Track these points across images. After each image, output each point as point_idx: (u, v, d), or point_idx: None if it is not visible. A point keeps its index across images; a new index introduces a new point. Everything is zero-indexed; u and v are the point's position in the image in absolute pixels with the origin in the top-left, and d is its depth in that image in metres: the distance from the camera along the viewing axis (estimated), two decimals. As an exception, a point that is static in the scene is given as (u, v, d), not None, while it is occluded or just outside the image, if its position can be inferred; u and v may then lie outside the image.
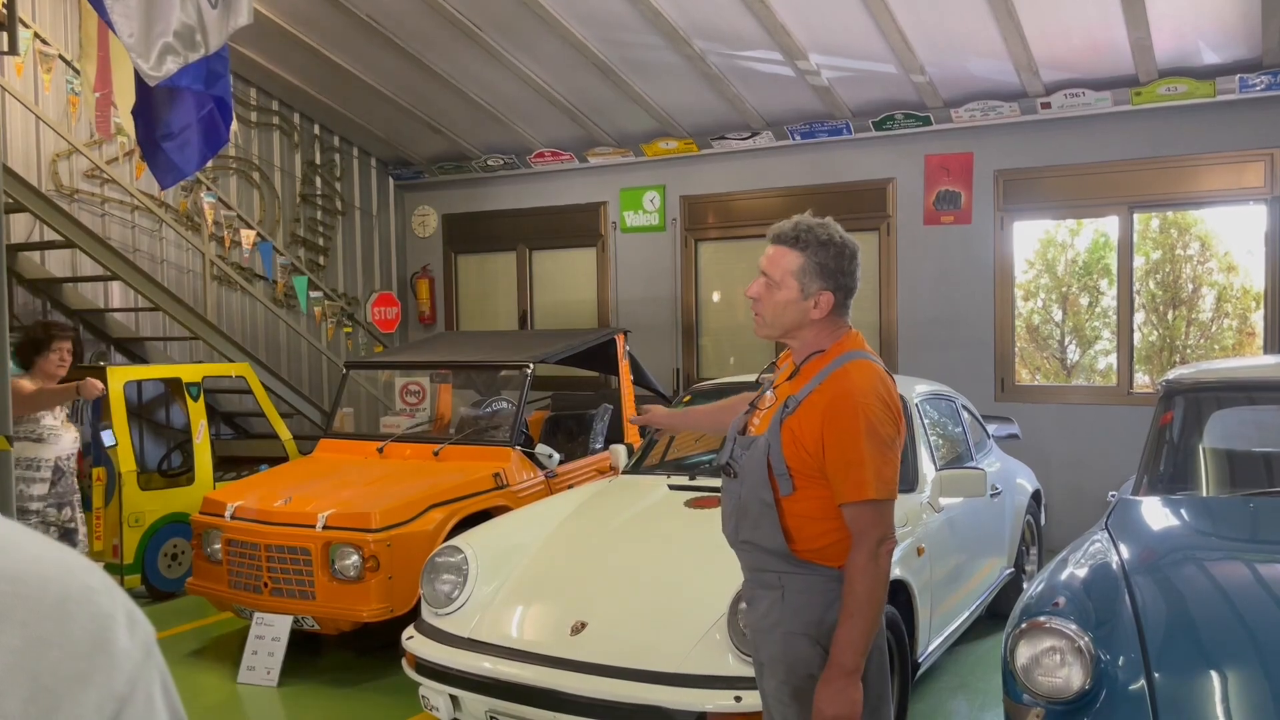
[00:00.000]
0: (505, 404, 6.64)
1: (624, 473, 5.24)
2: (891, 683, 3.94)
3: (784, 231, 2.51)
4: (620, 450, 5.42)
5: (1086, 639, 2.69)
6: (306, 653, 5.34)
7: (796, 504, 2.43)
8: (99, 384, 5.35)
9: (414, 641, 3.89)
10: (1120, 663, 2.67)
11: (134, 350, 8.36)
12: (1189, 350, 7.99)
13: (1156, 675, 2.61)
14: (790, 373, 2.55)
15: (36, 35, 6.81)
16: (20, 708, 0.56)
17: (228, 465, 7.45)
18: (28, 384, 5.16)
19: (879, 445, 2.34)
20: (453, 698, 3.71)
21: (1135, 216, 7.47)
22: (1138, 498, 3.83)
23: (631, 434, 6.52)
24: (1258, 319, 7.31)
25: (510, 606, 3.89)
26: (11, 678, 0.57)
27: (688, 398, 5.60)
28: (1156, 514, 3.70)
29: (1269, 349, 6.99)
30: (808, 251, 2.47)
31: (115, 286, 8.14)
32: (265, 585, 5.08)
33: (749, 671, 3.31)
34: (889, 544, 2.35)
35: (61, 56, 7.06)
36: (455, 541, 4.21)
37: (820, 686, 2.36)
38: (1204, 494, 3.90)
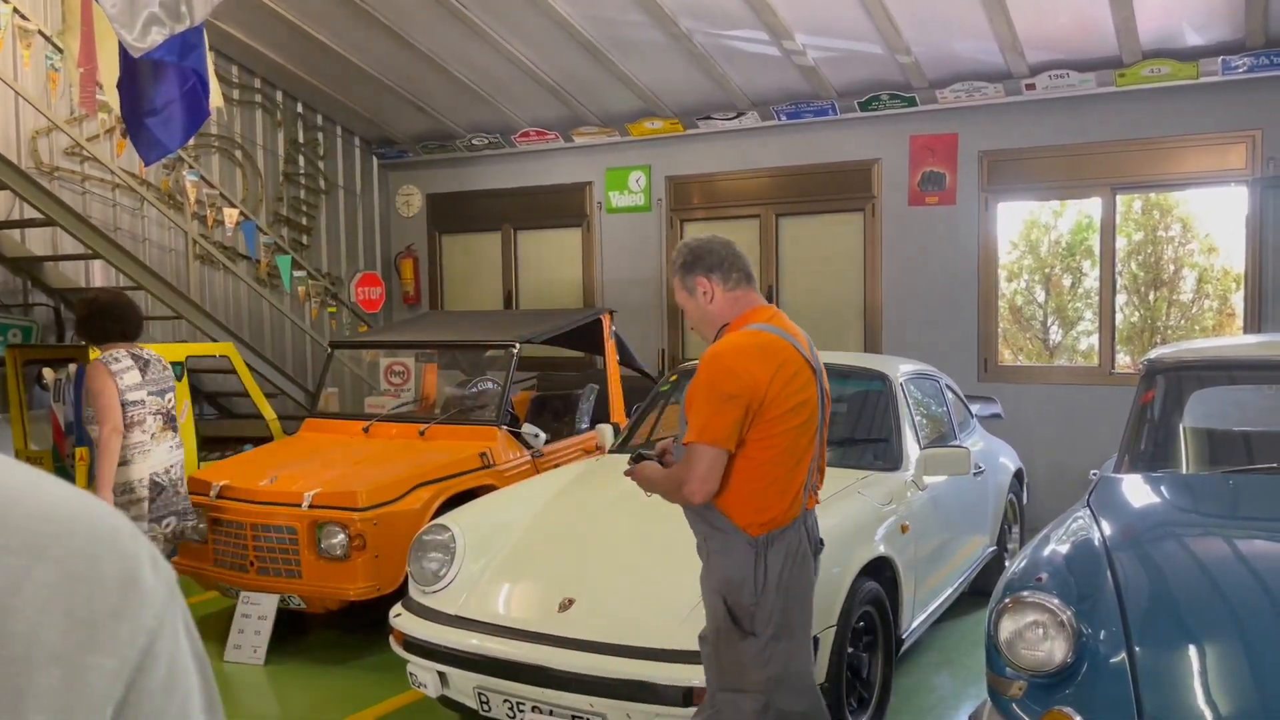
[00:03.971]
0: (491, 384, 6.63)
1: (610, 452, 5.25)
2: (875, 658, 4.00)
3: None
4: (606, 430, 5.44)
5: (1069, 613, 2.73)
6: (293, 631, 5.36)
7: None
8: None
9: (402, 619, 3.91)
10: (1102, 636, 2.71)
11: (116, 330, 8.29)
12: (1170, 331, 8.06)
13: (1137, 649, 2.66)
14: None
15: (15, 10, 6.72)
16: (59, 638, 0.60)
17: (212, 445, 7.43)
18: None
19: (709, 400, 2.71)
20: (441, 674, 3.73)
21: (1118, 198, 7.50)
22: (1119, 475, 3.87)
23: (618, 414, 6.53)
24: (1238, 300, 7.37)
25: (498, 584, 3.90)
26: (49, 610, 0.60)
27: (674, 376, 5.62)
28: (1138, 491, 3.75)
29: (1248, 329, 7.05)
30: (676, 271, 2.99)
31: (97, 265, 8.08)
32: (251, 564, 5.08)
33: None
34: (688, 488, 2.72)
35: (41, 32, 6.97)
36: (443, 520, 4.22)
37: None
38: (1184, 471, 3.95)
